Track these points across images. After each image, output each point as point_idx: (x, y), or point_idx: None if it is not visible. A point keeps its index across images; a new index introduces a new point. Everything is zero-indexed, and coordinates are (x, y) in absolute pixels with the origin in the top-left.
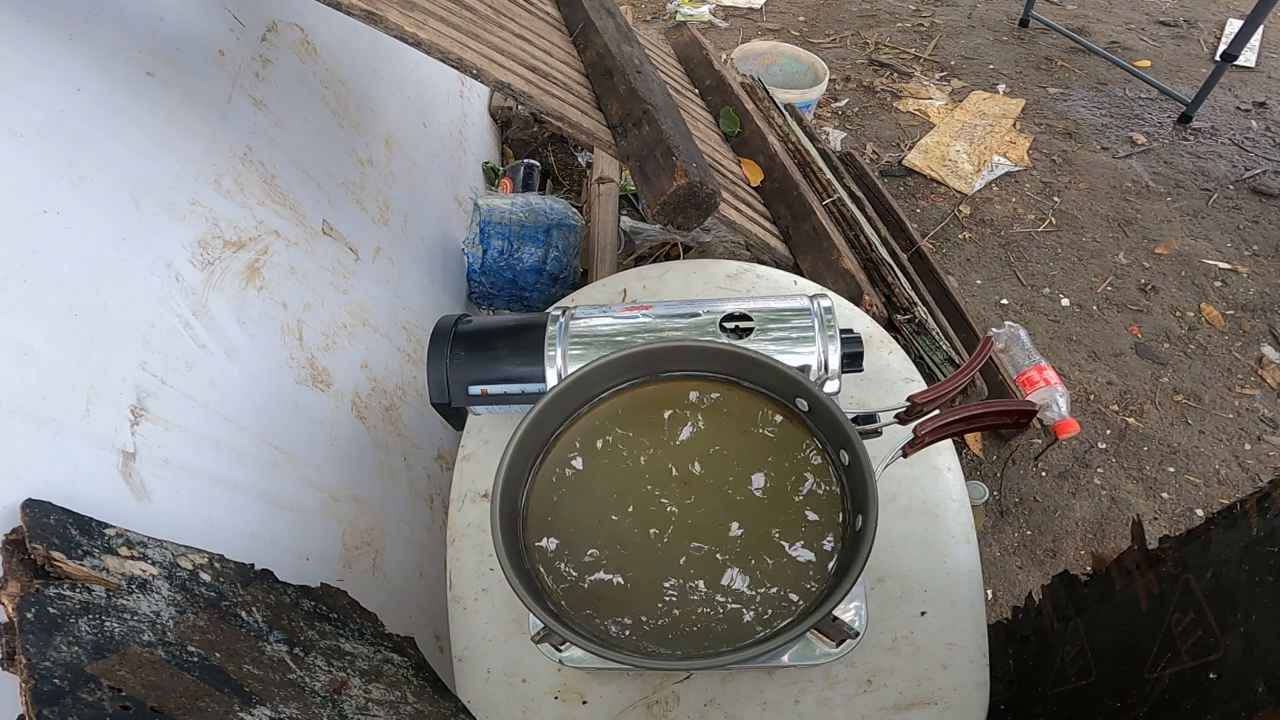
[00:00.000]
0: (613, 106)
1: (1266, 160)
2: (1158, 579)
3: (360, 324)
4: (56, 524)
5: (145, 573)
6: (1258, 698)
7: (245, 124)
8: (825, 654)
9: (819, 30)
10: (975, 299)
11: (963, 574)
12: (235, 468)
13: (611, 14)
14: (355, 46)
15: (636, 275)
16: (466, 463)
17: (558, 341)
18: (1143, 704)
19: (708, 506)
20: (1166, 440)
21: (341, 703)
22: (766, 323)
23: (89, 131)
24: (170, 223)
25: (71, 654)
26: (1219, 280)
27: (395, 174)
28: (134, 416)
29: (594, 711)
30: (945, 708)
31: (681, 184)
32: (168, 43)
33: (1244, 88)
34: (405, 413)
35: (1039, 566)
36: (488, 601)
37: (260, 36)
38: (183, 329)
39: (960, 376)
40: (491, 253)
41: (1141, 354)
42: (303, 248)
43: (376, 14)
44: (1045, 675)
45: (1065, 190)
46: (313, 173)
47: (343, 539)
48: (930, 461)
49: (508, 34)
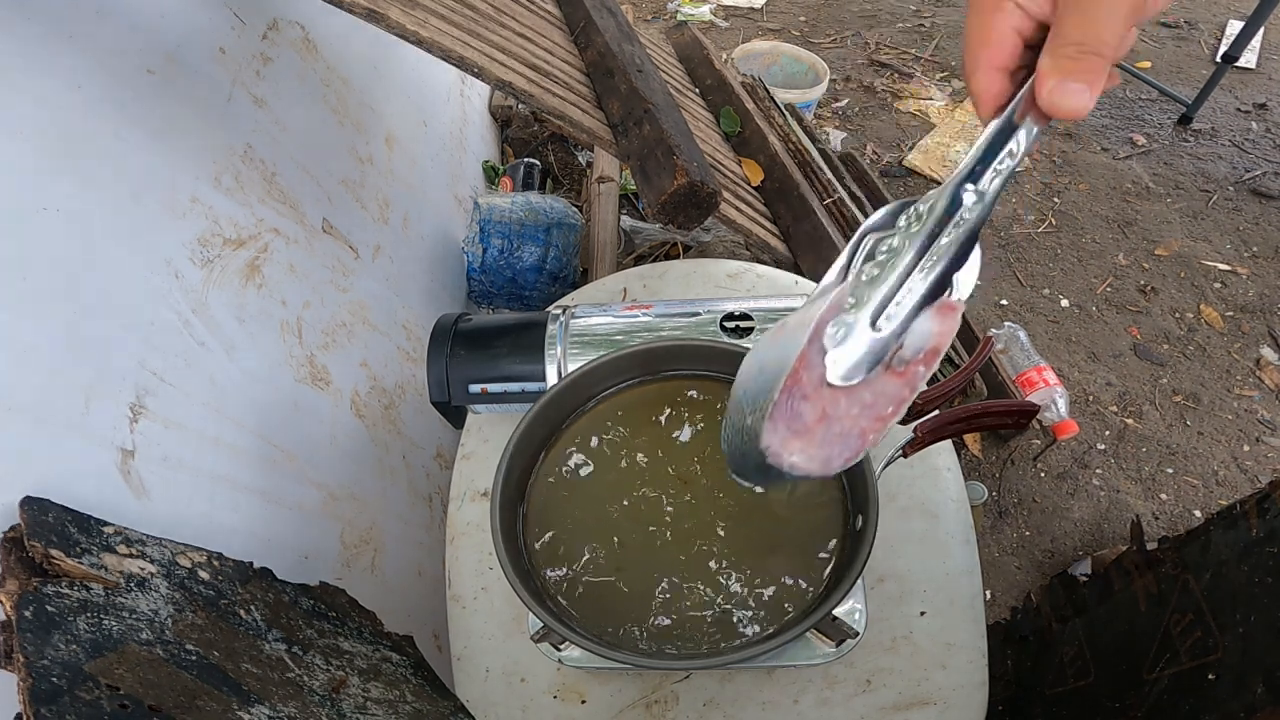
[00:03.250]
0: (613, 105)
1: (1267, 162)
2: (1156, 580)
3: (360, 322)
4: (55, 522)
5: (144, 571)
6: (1256, 698)
7: (245, 122)
8: (825, 654)
9: (820, 30)
10: (975, 299)
11: (962, 574)
12: (234, 466)
13: (613, 13)
14: (356, 45)
15: (636, 274)
16: (466, 461)
17: (558, 340)
18: (1141, 704)
19: (707, 506)
20: (1165, 441)
21: (340, 701)
22: (767, 322)
23: (89, 129)
24: (170, 220)
25: (70, 652)
26: (1218, 281)
27: (395, 172)
28: (133, 414)
29: (593, 711)
30: (944, 708)
31: (682, 183)
32: (168, 40)
33: (1244, 89)
34: (405, 411)
35: (1038, 567)
36: (487, 600)
37: (261, 34)
38: (182, 327)
39: (960, 377)
40: (491, 251)
41: (1141, 355)
42: (302, 246)
43: (378, 12)
44: (1044, 676)
45: (1065, 191)
46: (313, 171)
47: (341, 537)
48: (930, 462)
49: (509, 32)
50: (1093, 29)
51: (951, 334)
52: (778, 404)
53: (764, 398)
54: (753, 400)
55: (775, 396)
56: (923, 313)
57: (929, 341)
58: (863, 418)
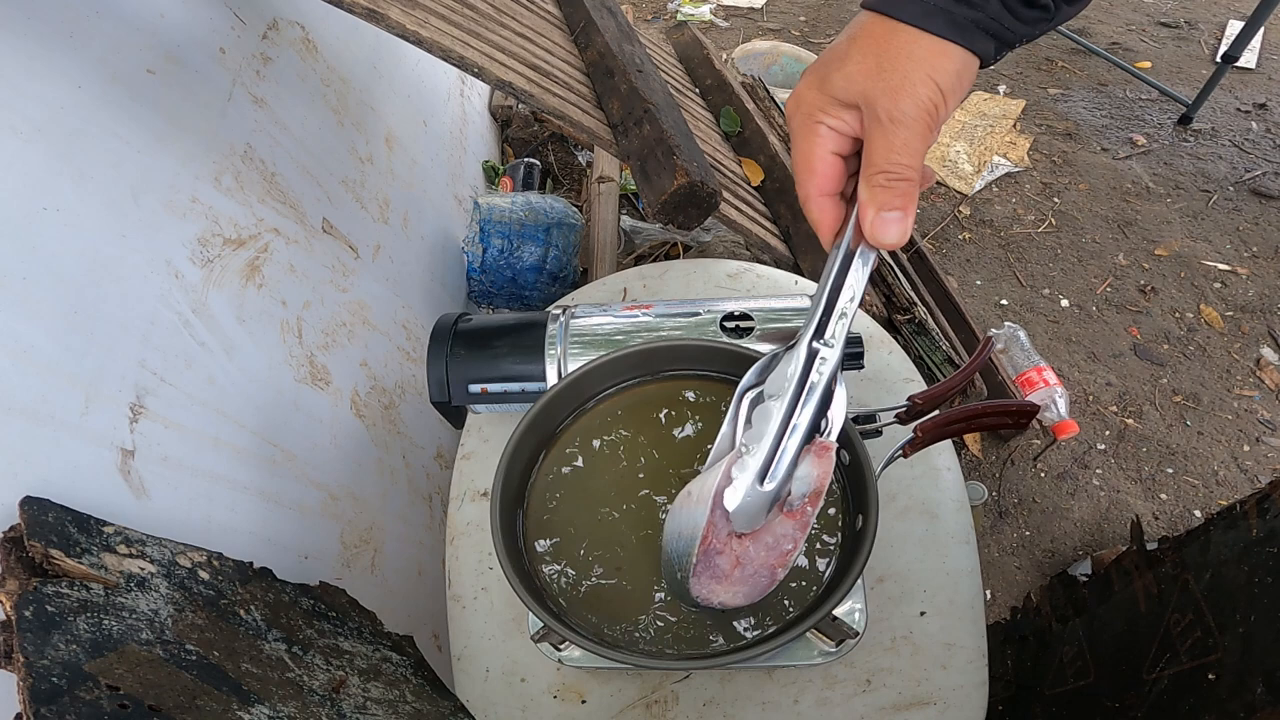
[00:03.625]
0: (614, 105)
1: (1266, 162)
2: (1156, 580)
3: (360, 322)
4: (55, 521)
5: (144, 570)
6: (1256, 698)
7: (246, 122)
8: (824, 654)
9: (820, 30)
10: (975, 299)
11: (962, 574)
12: (234, 465)
13: (613, 13)
14: (356, 45)
15: (637, 274)
16: (466, 461)
17: (558, 340)
18: (1141, 704)
19: None
20: (1165, 441)
21: (340, 701)
22: (767, 322)
23: (89, 129)
24: (170, 220)
25: (69, 652)
26: (1218, 281)
27: (395, 172)
28: (133, 414)
29: (593, 710)
30: (944, 708)
31: (682, 183)
32: (169, 40)
33: (1244, 89)
34: (405, 411)
35: (1038, 567)
36: (486, 600)
37: (261, 34)
38: (182, 326)
39: (960, 377)
40: (491, 251)
41: (1140, 355)
42: (302, 245)
43: (378, 12)
44: (1044, 676)
45: (1065, 191)
46: (313, 171)
47: (341, 537)
48: (930, 462)
49: (509, 32)
50: (895, 155)
51: (829, 472)
52: (696, 564)
53: (686, 559)
54: (679, 560)
55: (693, 559)
56: (803, 459)
57: (811, 485)
58: (770, 556)
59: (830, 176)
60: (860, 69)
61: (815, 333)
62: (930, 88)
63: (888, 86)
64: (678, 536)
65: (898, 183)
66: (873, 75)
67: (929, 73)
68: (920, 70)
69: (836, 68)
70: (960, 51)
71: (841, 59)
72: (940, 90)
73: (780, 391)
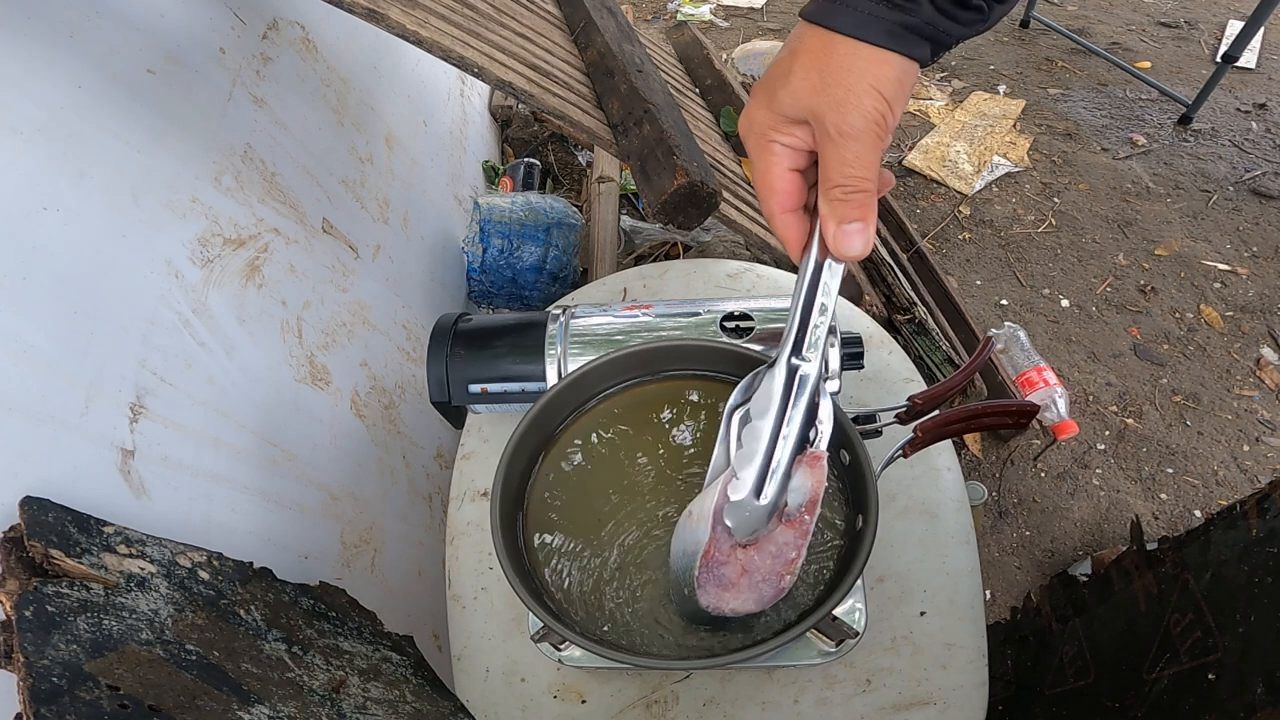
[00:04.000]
0: (614, 105)
1: (1266, 162)
2: (1156, 580)
3: (360, 322)
4: (55, 521)
5: (144, 570)
6: (1256, 698)
7: (246, 122)
8: (824, 654)
9: None
10: (975, 299)
11: (962, 574)
12: (234, 465)
13: (613, 13)
14: (356, 45)
15: (637, 274)
16: (466, 461)
17: (558, 340)
18: (1141, 704)
19: None
20: (1165, 441)
21: (340, 701)
22: (767, 322)
23: (89, 129)
24: (170, 220)
25: (70, 652)
26: (1218, 281)
27: (395, 172)
28: (133, 414)
29: (593, 710)
30: (944, 708)
31: (682, 183)
32: (169, 40)
33: (1244, 89)
34: (405, 411)
35: (1038, 567)
36: (487, 600)
37: (261, 34)
38: (182, 326)
39: (960, 377)
40: (491, 251)
41: (1140, 355)
42: (302, 245)
43: (378, 12)
44: (1044, 676)
45: (1065, 191)
46: (313, 171)
47: (341, 537)
48: (930, 462)
49: (509, 32)
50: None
51: (823, 480)
52: (700, 575)
53: (690, 574)
54: (685, 575)
55: (698, 573)
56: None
57: (806, 495)
58: (776, 563)
59: (790, 193)
60: (805, 85)
61: (793, 349)
62: (874, 98)
63: (833, 101)
64: (682, 554)
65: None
66: (817, 91)
67: (872, 83)
68: (863, 82)
69: (782, 84)
70: (899, 58)
71: (786, 75)
72: (885, 99)
73: (765, 411)
